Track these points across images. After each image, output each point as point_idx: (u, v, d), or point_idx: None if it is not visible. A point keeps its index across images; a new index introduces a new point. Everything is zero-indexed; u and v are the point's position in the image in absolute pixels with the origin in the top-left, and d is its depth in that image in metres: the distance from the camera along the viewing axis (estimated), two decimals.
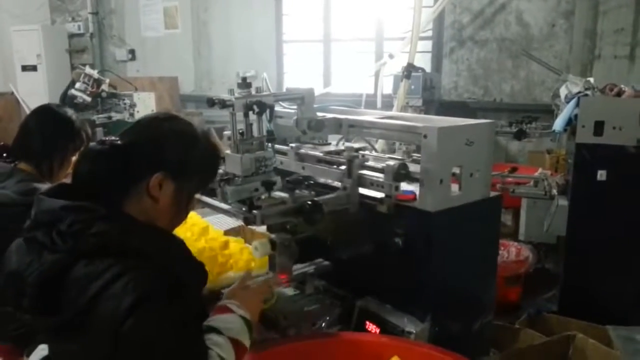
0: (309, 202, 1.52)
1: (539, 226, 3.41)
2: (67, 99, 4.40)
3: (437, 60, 5.50)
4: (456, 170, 1.66)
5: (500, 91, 5.22)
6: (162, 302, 1.11)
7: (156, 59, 7.12)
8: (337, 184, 1.77)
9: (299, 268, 1.79)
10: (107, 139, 1.27)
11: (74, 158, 2.09)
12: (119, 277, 1.08)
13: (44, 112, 2.10)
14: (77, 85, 4.31)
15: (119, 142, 1.25)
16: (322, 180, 1.90)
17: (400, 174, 1.61)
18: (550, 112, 3.72)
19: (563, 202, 3.05)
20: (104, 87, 4.44)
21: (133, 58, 7.35)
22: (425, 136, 1.58)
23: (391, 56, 5.22)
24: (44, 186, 1.92)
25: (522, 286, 3.25)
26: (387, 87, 5.18)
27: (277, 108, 1.94)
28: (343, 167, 1.74)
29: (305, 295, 1.81)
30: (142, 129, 1.32)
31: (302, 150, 1.95)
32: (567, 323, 2.68)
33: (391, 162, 1.63)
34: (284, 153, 2.00)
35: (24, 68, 6.93)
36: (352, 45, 6.08)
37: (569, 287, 2.96)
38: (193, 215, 2.28)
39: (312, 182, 1.61)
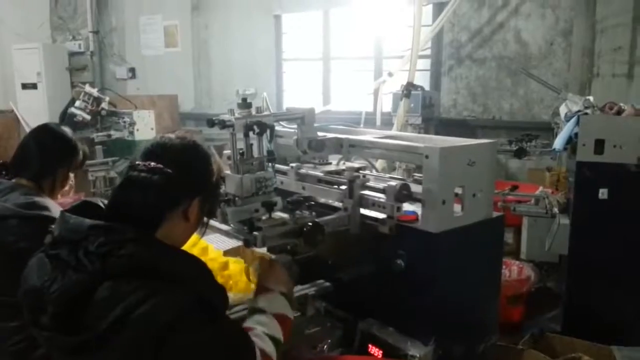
0: (310, 223, 1.51)
1: (541, 245, 3.39)
2: (66, 117, 4.41)
3: (435, 78, 5.53)
4: (458, 190, 1.65)
5: (500, 109, 5.23)
6: (199, 323, 1.11)
7: (156, 77, 7.14)
8: (338, 204, 1.76)
9: (299, 290, 1.76)
10: (149, 165, 1.23)
11: (72, 175, 2.13)
12: (146, 299, 1.07)
13: (43, 131, 2.12)
14: (77, 103, 4.32)
15: (169, 171, 1.23)
16: (322, 200, 1.88)
17: (402, 194, 1.59)
18: (549, 129, 3.73)
19: (564, 220, 3.03)
20: (104, 105, 4.45)
21: (133, 76, 7.37)
22: (427, 157, 1.57)
23: (390, 74, 5.25)
24: (44, 200, 1.94)
25: (524, 305, 3.22)
26: (386, 105, 5.19)
27: (277, 128, 1.93)
28: (344, 187, 1.73)
29: (306, 317, 1.77)
30: (179, 156, 1.30)
31: (303, 170, 1.94)
32: (571, 343, 2.64)
33: (393, 183, 1.62)
34: (284, 173, 1.99)
35: (24, 86, 6.94)
36: (351, 64, 6.11)
37: (572, 307, 2.93)
38: (193, 236, 2.25)
39: (312, 202, 1.60)
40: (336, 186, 1.80)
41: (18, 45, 6.96)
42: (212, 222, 1.62)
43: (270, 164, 1.69)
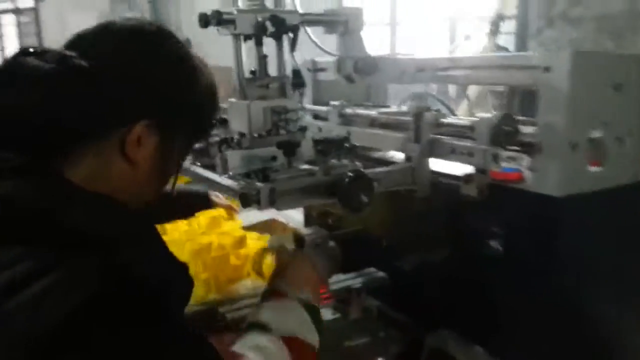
0: (350, 174, 0.95)
1: None
2: None
3: (521, 40, 4.86)
4: (596, 133, 1.03)
5: None
6: (118, 318, 0.62)
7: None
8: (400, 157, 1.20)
9: (341, 280, 1.26)
10: (54, 51, 0.73)
11: None
12: (40, 275, 0.61)
13: None
14: None
15: (84, 64, 0.72)
16: (377, 154, 1.35)
17: (504, 133, 0.99)
18: None
19: None
20: None
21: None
22: (546, 69, 0.96)
23: (467, 37, 4.82)
24: None
25: None
26: None
27: (317, 59, 1.41)
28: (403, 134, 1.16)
29: (348, 321, 1.29)
30: (116, 45, 0.77)
31: (349, 110, 1.38)
32: None
33: (486, 115, 1.02)
34: (323, 118, 1.46)
35: None
36: (421, 27, 5.71)
37: None
38: None
39: (355, 145, 1.05)
40: (398, 131, 1.24)
41: (75, 16, 7.09)
42: (204, 173, 1.11)
43: (297, 90, 1.14)
